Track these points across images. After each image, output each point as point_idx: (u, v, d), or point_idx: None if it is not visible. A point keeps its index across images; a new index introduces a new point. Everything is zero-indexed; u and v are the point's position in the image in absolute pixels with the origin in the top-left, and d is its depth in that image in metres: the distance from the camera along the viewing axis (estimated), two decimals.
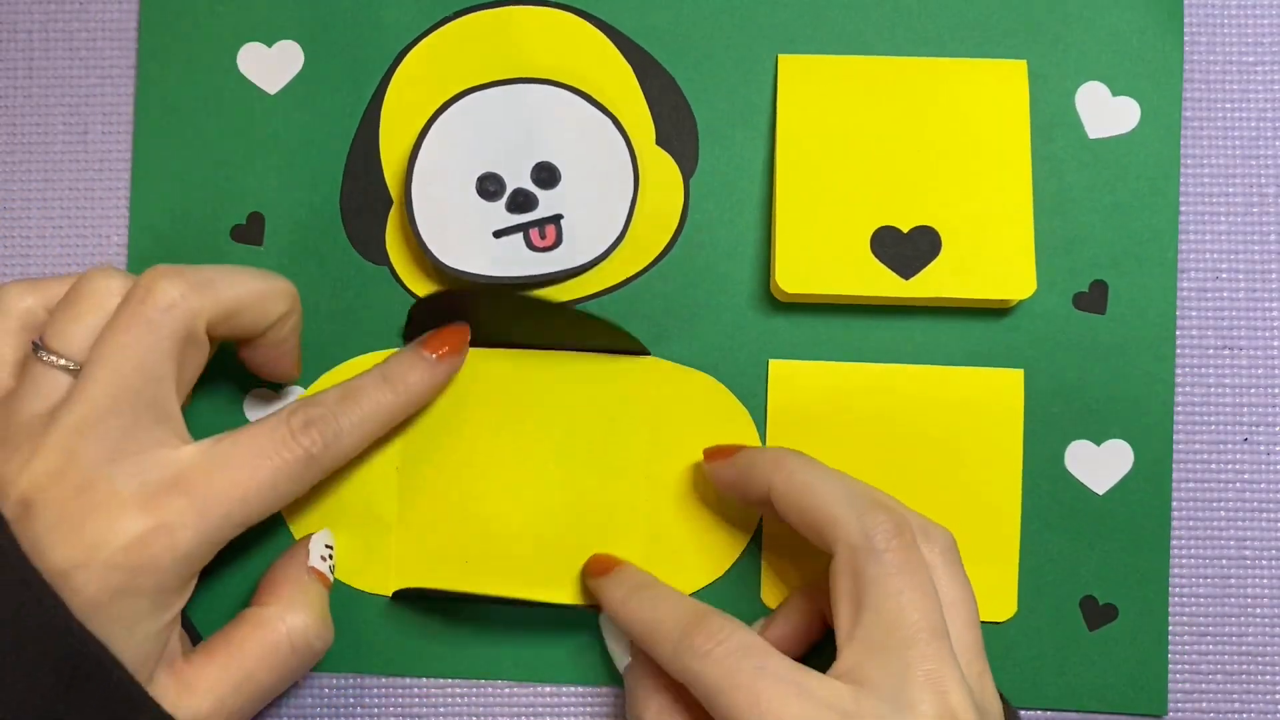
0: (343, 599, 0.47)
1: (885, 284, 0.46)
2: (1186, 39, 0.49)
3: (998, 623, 0.47)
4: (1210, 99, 0.49)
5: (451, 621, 0.47)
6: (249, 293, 0.42)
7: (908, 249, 0.46)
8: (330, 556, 0.46)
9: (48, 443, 0.38)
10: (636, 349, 0.48)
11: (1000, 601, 0.47)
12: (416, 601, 0.47)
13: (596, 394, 0.48)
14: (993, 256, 0.46)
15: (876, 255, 0.46)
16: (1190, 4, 0.49)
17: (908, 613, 0.39)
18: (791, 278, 0.46)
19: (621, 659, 0.46)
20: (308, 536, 0.46)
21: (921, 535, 0.41)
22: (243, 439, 0.41)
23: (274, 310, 0.42)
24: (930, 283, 0.46)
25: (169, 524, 0.38)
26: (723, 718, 0.38)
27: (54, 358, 0.39)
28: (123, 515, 0.38)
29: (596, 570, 0.47)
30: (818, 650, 0.45)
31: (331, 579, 0.46)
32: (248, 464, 0.40)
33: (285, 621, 0.43)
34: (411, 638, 0.47)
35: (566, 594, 0.47)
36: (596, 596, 0.46)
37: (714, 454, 0.46)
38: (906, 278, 0.46)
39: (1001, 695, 0.41)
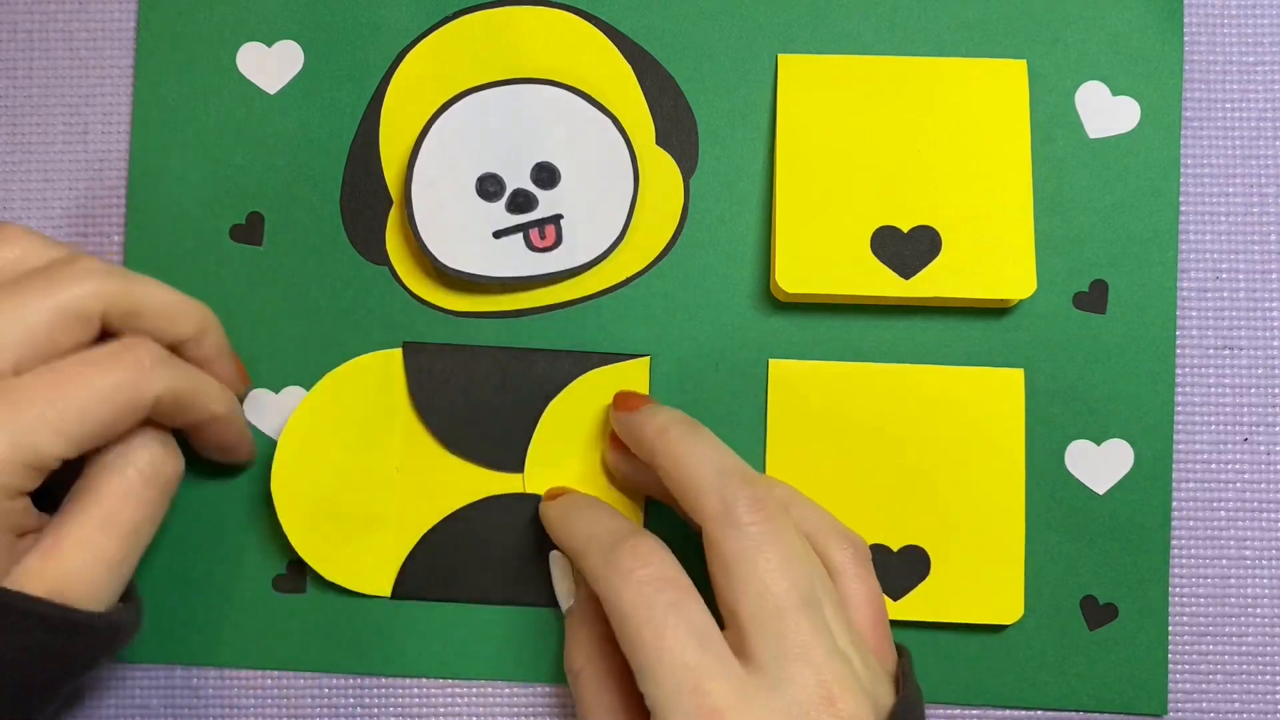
0: (343, 599, 0.47)
1: (885, 284, 0.46)
2: (1186, 39, 0.49)
3: (1004, 626, 0.47)
4: (1210, 99, 0.49)
5: (451, 621, 0.47)
6: (158, 299, 0.41)
7: (908, 249, 0.46)
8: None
9: None
10: (621, 357, 0.48)
11: (1007, 604, 0.46)
12: (416, 601, 0.47)
13: (593, 398, 0.48)
14: (993, 256, 0.46)
15: (877, 255, 0.46)
16: (1190, 4, 0.49)
17: (774, 583, 0.38)
18: (791, 278, 0.46)
19: (566, 600, 0.46)
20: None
21: (835, 536, 0.42)
22: (71, 358, 0.39)
23: (182, 326, 0.42)
24: (930, 282, 0.46)
25: None
26: (625, 643, 0.39)
27: None
28: None
29: (547, 498, 0.47)
30: None
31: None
32: (72, 370, 0.39)
33: (128, 459, 0.41)
34: (412, 638, 0.47)
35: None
36: (545, 522, 0.46)
37: (622, 402, 0.46)
38: (907, 277, 0.46)
39: (907, 654, 0.43)
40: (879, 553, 0.47)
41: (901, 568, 0.47)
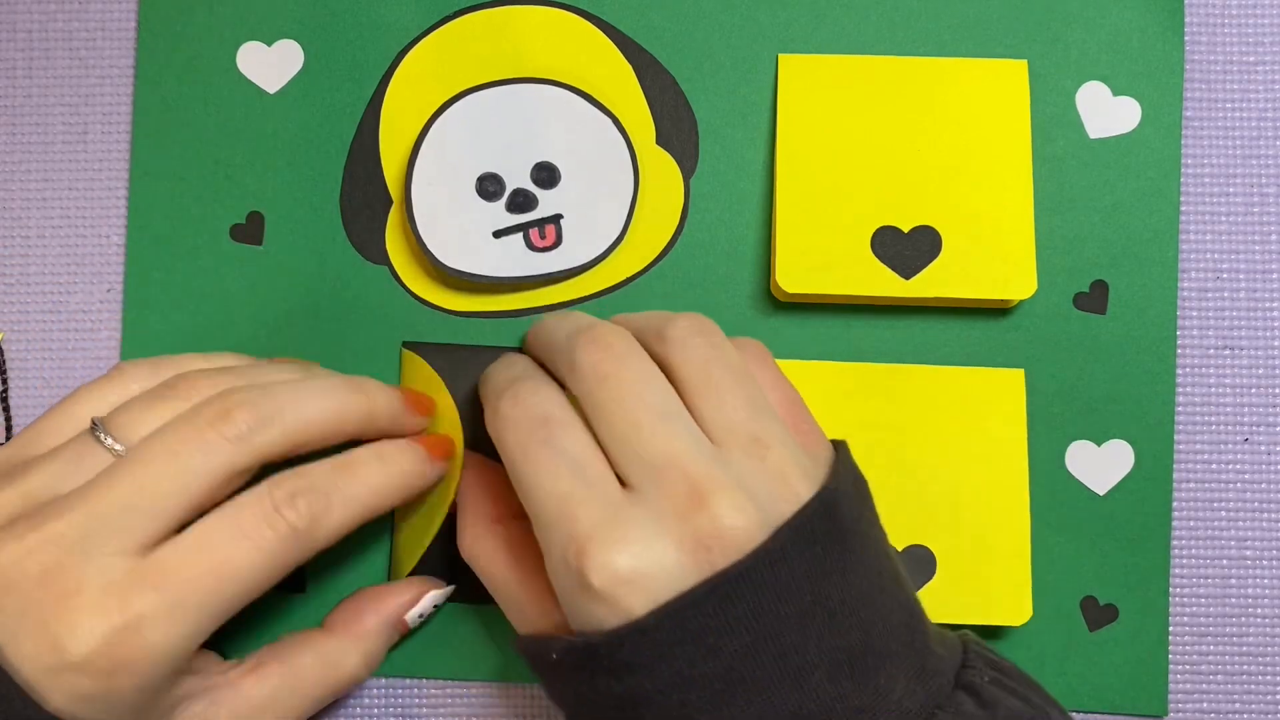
0: (341, 595, 0.47)
1: (886, 284, 0.46)
2: (1186, 39, 0.49)
3: (1012, 627, 0.47)
4: (1211, 99, 0.49)
5: (452, 621, 0.47)
6: (319, 420, 0.40)
7: (908, 249, 0.46)
8: (432, 614, 0.46)
9: (45, 524, 0.36)
10: None
11: (1015, 605, 0.46)
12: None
13: None
14: (993, 256, 0.46)
15: (877, 255, 0.46)
16: (1191, 3, 0.49)
17: (626, 405, 0.38)
18: (792, 278, 0.46)
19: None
20: (418, 578, 0.46)
21: (666, 321, 0.41)
22: (218, 517, 0.38)
23: (343, 431, 0.41)
24: (931, 283, 0.46)
25: (138, 621, 0.35)
26: (516, 489, 0.39)
27: (107, 438, 0.38)
28: (86, 614, 0.35)
29: None
30: None
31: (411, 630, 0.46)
32: (224, 546, 0.37)
33: (350, 664, 0.42)
34: (412, 638, 0.47)
35: None
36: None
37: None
38: (907, 278, 0.46)
39: (844, 445, 0.42)
40: None
41: (908, 568, 0.47)
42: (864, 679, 0.36)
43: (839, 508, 0.38)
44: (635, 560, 0.35)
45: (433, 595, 0.45)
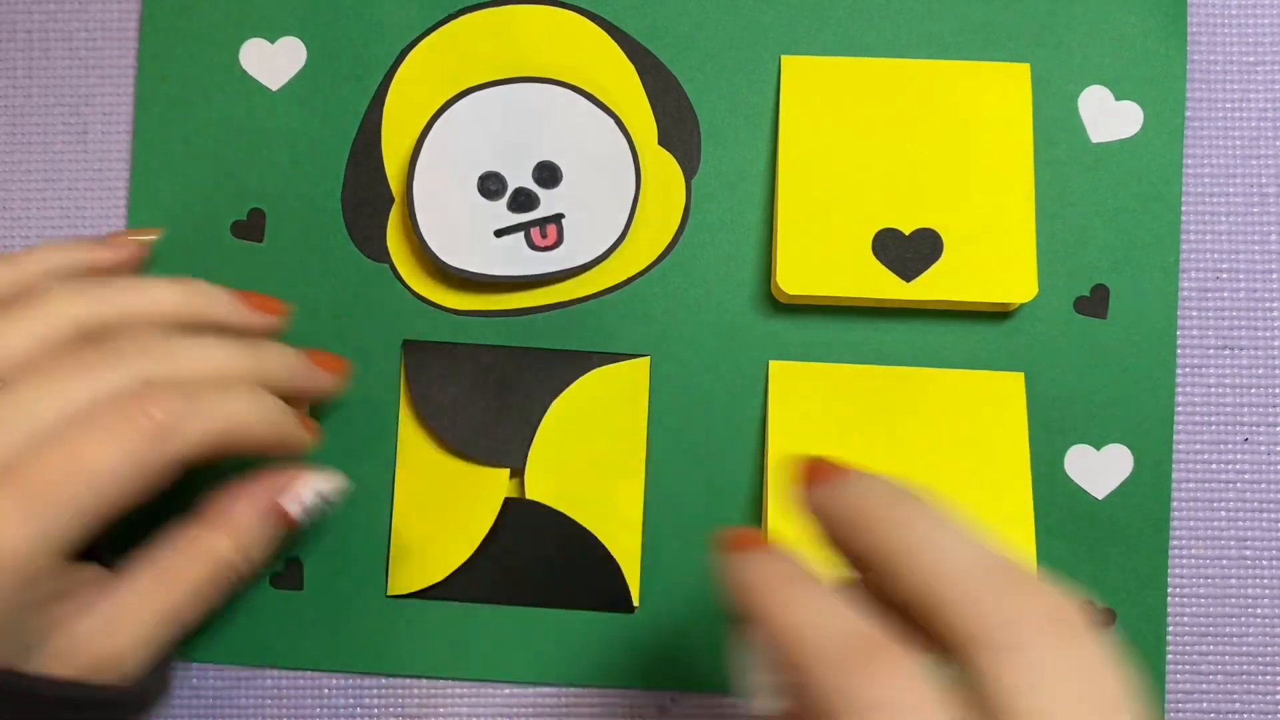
0: (341, 596, 0.47)
1: (886, 286, 0.46)
2: (1187, 39, 0.49)
3: None
4: (1211, 99, 0.49)
5: (450, 621, 0.47)
6: (239, 422, 0.39)
7: (909, 251, 0.46)
8: (323, 504, 0.44)
9: None
10: (622, 356, 0.48)
11: None
12: (415, 600, 0.47)
13: (595, 397, 0.48)
14: (994, 259, 0.46)
15: (878, 257, 0.46)
16: (1191, 4, 0.49)
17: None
18: (793, 279, 0.46)
19: (766, 700, 0.33)
20: (297, 469, 0.44)
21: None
22: (81, 418, 0.36)
23: (259, 435, 0.40)
24: (932, 285, 0.46)
25: None
26: None
27: None
28: None
29: (733, 545, 0.35)
30: None
31: (301, 523, 0.44)
32: (82, 442, 0.35)
33: (222, 553, 0.41)
34: (410, 637, 0.47)
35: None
36: (736, 585, 0.34)
37: (810, 473, 0.35)
38: (908, 280, 0.46)
39: None
40: None
41: None
42: None
43: None
44: None
45: (312, 481, 0.43)
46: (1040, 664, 0.28)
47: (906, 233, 0.46)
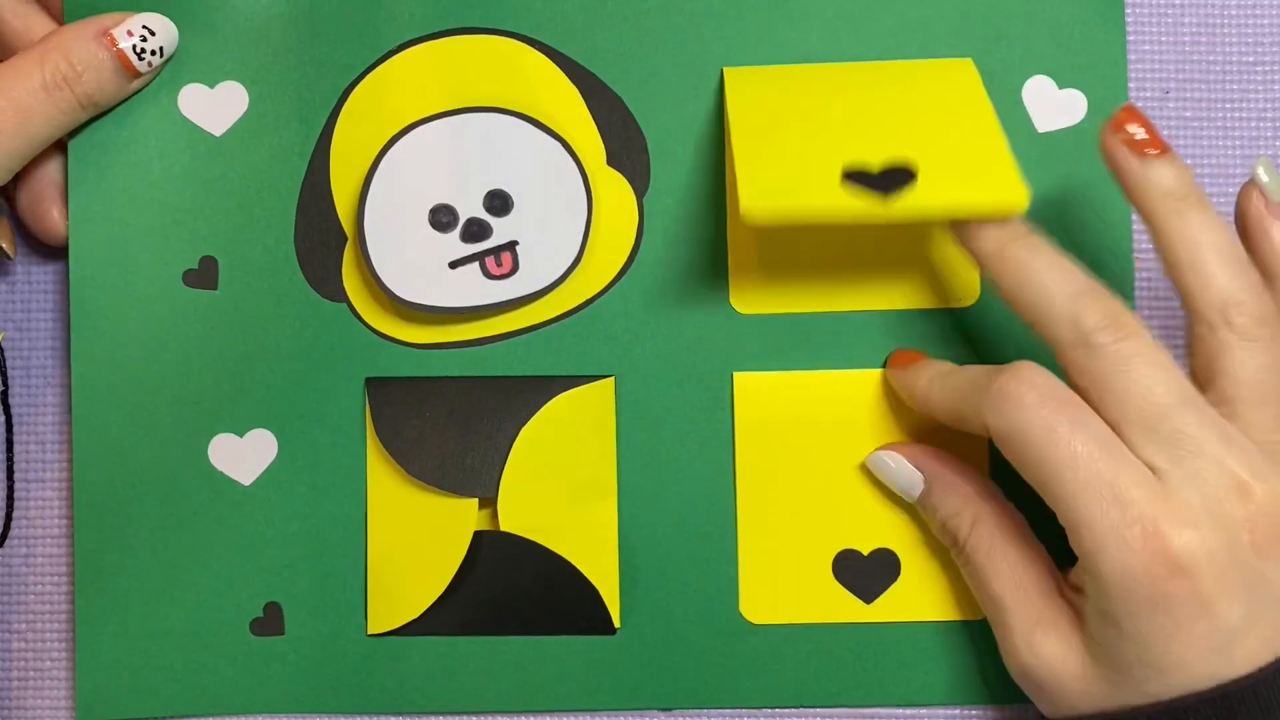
0: (322, 640, 0.47)
1: (862, 207, 0.42)
2: (1186, 39, 0.49)
3: (978, 620, 0.47)
4: (1210, 99, 0.49)
5: (429, 656, 0.47)
6: None
7: (881, 181, 0.42)
8: (154, 42, 0.47)
9: None
10: (586, 378, 0.48)
11: (974, 601, 0.46)
12: (394, 638, 0.47)
13: (563, 421, 0.48)
14: (975, 174, 0.43)
15: (849, 186, 0.42)
16: (1191, 4, 0.50)
17: (1150, 391, 0.38)
18: (757, 206, 0.42)
19: (916, 485, 0.46)
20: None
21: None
22: None
23: None
24: (913, 203, 0.42)
25: None
26: (1031, 470, 0.39)
27: None
28: None
29: (895, 364, 0.47)
30: None
31: (140, 68, 0.47)
32: None
33: (66, 72, 0.45)
34: (391, 674, 0.47)
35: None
36: (899, 376, 0.46)
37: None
38: (887, 199, 0.42)
39: None
40: (849, 557, 0.47)
41: (873, 571, 0.47)
42: None
43: None
44: (1203, 542, 0.37)
45: (139, 17, 0.46)
46: (1113, 354, 0.39)
47: (876, 169, 0.43)
